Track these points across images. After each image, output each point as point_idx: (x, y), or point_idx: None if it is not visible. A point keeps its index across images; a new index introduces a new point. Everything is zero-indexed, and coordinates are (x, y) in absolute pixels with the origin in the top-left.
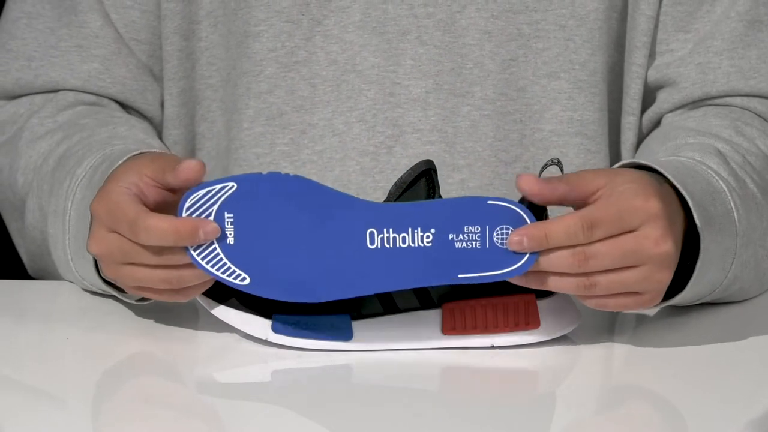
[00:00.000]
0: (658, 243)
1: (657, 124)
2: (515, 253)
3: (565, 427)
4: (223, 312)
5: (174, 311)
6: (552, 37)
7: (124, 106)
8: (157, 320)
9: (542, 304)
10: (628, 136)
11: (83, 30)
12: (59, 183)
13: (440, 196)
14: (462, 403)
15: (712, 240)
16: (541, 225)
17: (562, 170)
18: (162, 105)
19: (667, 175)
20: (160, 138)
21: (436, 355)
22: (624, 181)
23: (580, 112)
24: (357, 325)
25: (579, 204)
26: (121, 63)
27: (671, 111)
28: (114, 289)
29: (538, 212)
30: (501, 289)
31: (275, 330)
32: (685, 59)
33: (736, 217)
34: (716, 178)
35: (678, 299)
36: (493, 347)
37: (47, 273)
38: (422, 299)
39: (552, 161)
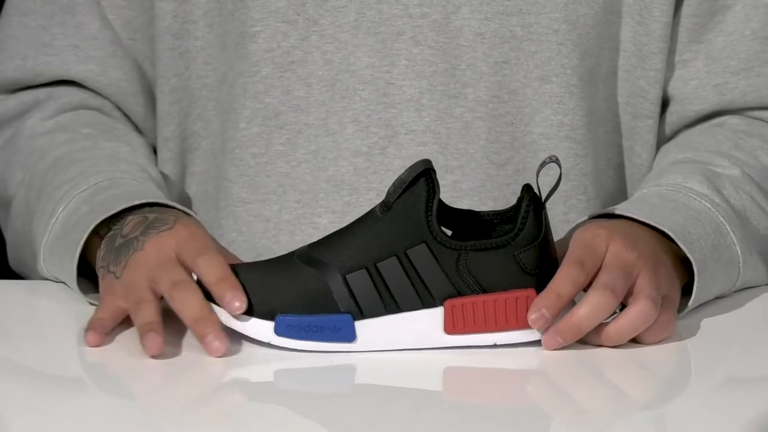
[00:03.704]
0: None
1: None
2: None
3: (565, 427)
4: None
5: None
6: (544, 41)
7: (118, 107)
8: None
9: None
10: (647, 138)
11: (81, 31)
12: (55, 186)
13: (439, 197)
14: (464, 403)
15: (707, 258)
16: (545, 292)
17: (560, 167)
18: (154, 104)
19: (638, 218)
20: (155, 138)
21: (438, 355)
22: (585, 230)
23: (570, 117)
24: (359, 326)
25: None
26: (117, 65)
27: (685, 126)
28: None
29: (539, 208)
30: (501, 286)
31: (278, 333)
32: (702, 80)
33: (729, 228)
34: (697, 198)
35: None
36: (495, 345)
37: (24, 264)
38: (424, 298)
39: (550, 159)
